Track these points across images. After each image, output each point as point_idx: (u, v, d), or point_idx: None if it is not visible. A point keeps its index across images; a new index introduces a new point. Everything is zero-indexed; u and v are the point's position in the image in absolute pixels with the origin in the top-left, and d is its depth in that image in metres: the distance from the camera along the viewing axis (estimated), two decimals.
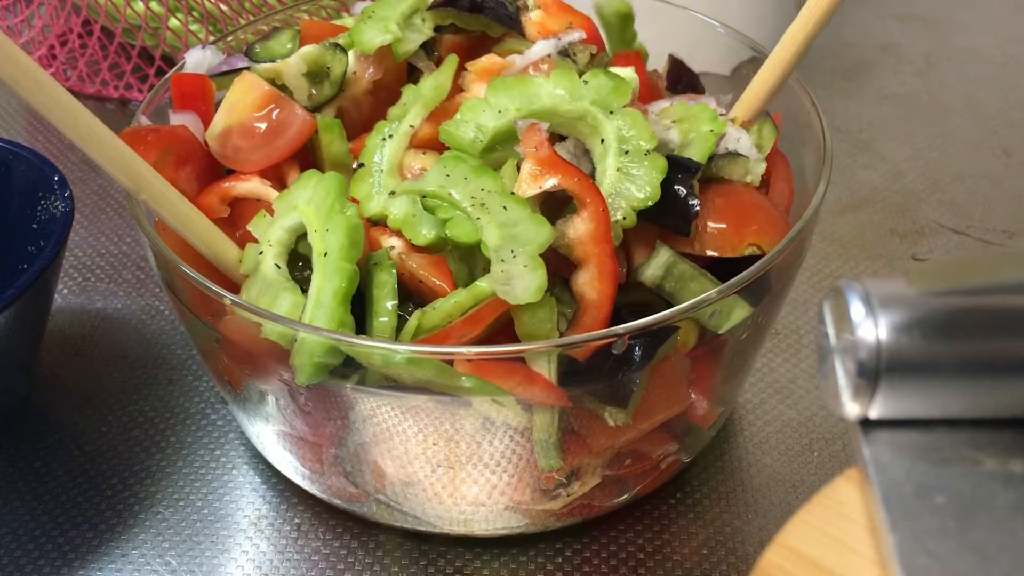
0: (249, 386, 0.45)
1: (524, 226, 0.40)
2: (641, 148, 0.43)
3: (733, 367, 0.47)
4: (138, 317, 0.61)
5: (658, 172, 0.42)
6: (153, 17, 0.77)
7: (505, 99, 0.44)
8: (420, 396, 0.40)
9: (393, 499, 0.46)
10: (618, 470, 0.46)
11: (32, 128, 0.77)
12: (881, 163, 0.73)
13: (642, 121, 0.43)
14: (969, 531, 0.28)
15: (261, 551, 0.48)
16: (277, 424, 0.46)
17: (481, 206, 0.40)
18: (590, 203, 0.41)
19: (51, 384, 0.56)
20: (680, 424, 0.46)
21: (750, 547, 0.48)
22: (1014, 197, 0.70)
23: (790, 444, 0.53)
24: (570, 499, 0.45)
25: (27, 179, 0.53)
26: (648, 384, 0.42)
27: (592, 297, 0.41)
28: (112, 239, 0.67)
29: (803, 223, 0.43)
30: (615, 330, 0.39)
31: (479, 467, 0.43)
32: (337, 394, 0.42)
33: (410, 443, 0.43)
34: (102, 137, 0.40)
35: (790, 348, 0.58)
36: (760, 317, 0.45)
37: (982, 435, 0.30)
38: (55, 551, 0.48)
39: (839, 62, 0.85)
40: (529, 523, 0.47)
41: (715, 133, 0.45)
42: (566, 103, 0.44)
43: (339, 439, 0.45)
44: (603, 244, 0.41)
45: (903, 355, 0.29)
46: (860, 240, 0.66)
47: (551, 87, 0.44)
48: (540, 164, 0.42)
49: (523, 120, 0.43)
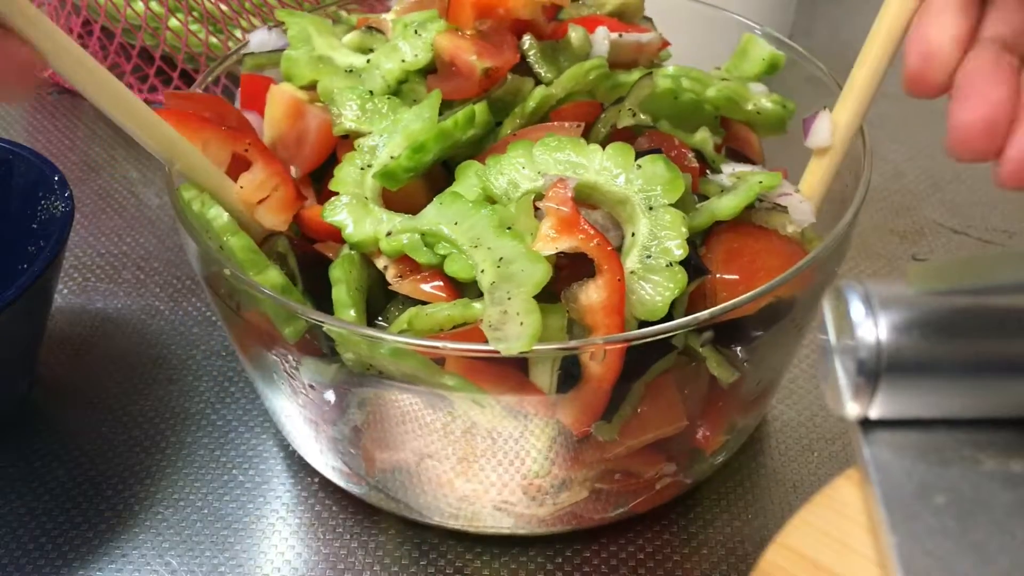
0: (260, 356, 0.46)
1: (520, 264, 0.39)
2: (665, 259, 0.40)
3: (736, 397, 0.46)
4: (138, 317, 0.61)
5: (673, 288, 0.40)
6: (153, 17, 0.77)
7: (550, 162, 0.42)
8: (406, 391, 0.41)
9: (383, 485, 0.47)
10: (609, 484, 0.45)
11: (32, 128, 0.77)
12: (881, 163, 0.73)
13: (680, 224, 0.41)
14: (969, 531, 0.28)
15: (261, 551, 0.48)
16: (281, 396, 0.47)
17: (476, 245, 0.40)
18: (607, 271, 0.39)
19: (51, 384, 0.56)
20: (678, 445, 0.45)
21: (750, 547, 0.48)
22: (1014, 197, 0.70)
23: (790, 444, 0.53)
24: (557, 508, 0.45)
25: (27, 179, 0.53)
26: (640, 401, 0.42)
27: (595, 371, 0.39)
28: (112, 239, 0.67)
29: (819, 251, 0.42)
30: (615, 337, 0.39)
31: (464, 463, 0.43)
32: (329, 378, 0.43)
33: (397, 432, 0.43)
34: (136, 107, 0.41)
35: None
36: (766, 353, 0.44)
37: (982, 435, 0.30)
38: (55, 551, 0.48)
39: (839, 62, 0.84)
40: (516, 525, 0.47)
41: (764, 185, 0.44)
42: (611, 182, 0.42)
43: (334, 421, 0.45)
44: (614, 316, 0.39)
45: (903, 355, 0.29)
46: (860, 240, 0.66)
47: (602, 159, 0.42)
48: (561, 224, 0.40)
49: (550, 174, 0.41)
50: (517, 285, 0.38)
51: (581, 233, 0.39)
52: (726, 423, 0.47)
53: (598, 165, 0.42)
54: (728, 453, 0.50)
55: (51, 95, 0.81)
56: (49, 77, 0.81)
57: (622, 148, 0.42)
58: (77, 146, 0.75)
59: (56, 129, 0.77)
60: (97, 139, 0.76)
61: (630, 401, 0.42)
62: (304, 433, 0.48)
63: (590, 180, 0.42)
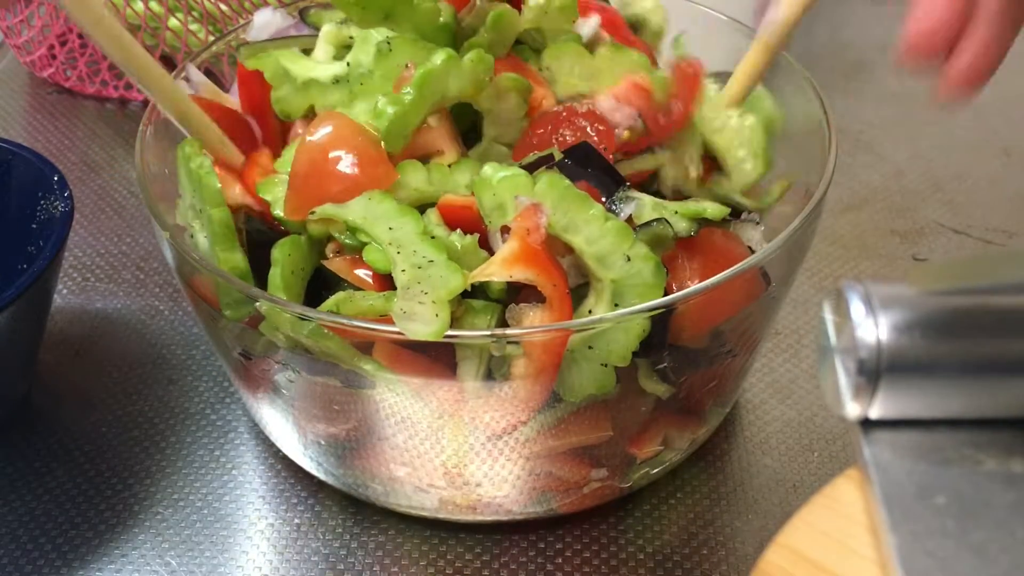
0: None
1: (437, 269, 0.38)
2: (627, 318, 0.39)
3: (669, 410, 0.46)
4: (138, 317, 0.61)
5: (632, 341, 0.39)
6: (153, 17, 0.77)
7: (548, 206, 0.39)
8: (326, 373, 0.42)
9: (326, 463, 0.48)
10: (534, 483, 0.45)
11: (32, 128, 0.77)
12: (881, 163, 0.73)
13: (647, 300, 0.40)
14: (969, 531, 0.28)
15: (261, 551, 0.48)
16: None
17: (398, 246, 0.40)
18: (555, 312, 0.38)
19: (51, 384, 0.56)
20: (607, 452, 0.45)
21: (750, 547, 0.48)
22: (1014, 197, 0.70)
23: (790, 444, 0.53)
24: (479, 499, 0.46)
25: (27, 179, 0.53)
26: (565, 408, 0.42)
27: (522, 395, 0.40)
28: (112, 239, 0.67)
29: (798, 223, 0.42)
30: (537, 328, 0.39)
31: (383, 443, 0.44)
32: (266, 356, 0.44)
33: (322, 408, 0.44)
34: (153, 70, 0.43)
35: (790, 348, 0.58)
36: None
37: (982, 435, 0.30)
38: (55, 551, 0.48)
39: (839, 62, 0.85)
40: (440, 509, 0.47)
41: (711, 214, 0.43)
42: (595, 245, 0.40)
43: (272, 398, 0.46)
44: (551, 355, 0.38)
45: (903, 355, 0.29)
46: (860, 240, 0.66)
47: (600, 228, 0.39)
48: (524, 252, 0.38)
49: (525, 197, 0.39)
50: (432, 288, 0.38)
51: (543, 267, 0.38)
52: (659, 434, 0.47)
53: (594, 232, 0.40)
54: (675, 459, 0.49)
55: (51, 95, 0.81)
56: (49, 77, 0.81)
57: (622, 230, 0.40)
58: (77, 146, 0.75)
59: (56, 129, 0.77)
60: (97, 139, 0.76)
61: (554, 408, 0.42)
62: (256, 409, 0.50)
63: (576, 241, 0.40)
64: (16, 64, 0.85)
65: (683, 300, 0.39)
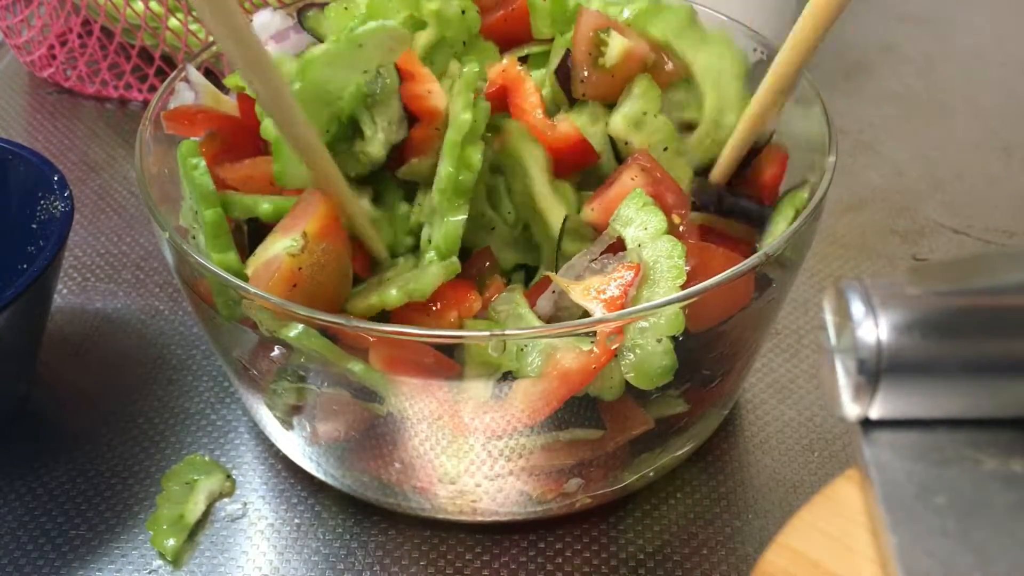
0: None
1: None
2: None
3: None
4: (138, 317, 0.61)
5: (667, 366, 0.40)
6: (153, 17, 0.77)
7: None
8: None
9: (326, 463, 0.48)
10: (533, 484, 0.46)
11: (32, 128, 0.77)
12: (881, 163, 0.73)
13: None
14: (969, 531, 0.28)
15: (261, 551, 0.48)
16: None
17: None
18: (601, 355, 0.39)
19: (51, 384, 0.56)
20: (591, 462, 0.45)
21: (750, 547, 0.48)
22: (1014, 197, 0.70)
23: (790, 444, 0.53)
24: (479, 499, 0.46)
25: (27, 179, 0.53)
26: None
27: (529, 398, 0.40)
28: (112, 239, 0.67)
29: (798, 225, 0.42)
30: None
31: (383, 444, 0.44)
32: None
33: (321, 408, 0.44)
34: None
35: (790, 348, 0.58)
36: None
37: (982, 435, 0.30)
38: (55, 551, 0.48)
39: (839, 62, 0.85)
40: (439, 510, 0.47)
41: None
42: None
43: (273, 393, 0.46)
44: (572, 384, 0.39)
45: (903, 355, 0.29)
46: (860, 240, 0.66)
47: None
48: (607, 305, 0.40)
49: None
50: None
51: (608, 328, 0.39)
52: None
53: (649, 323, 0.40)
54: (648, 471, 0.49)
55: (51, 95, 0.81)
56: (49, 77, 0.81)
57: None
58: (77, 146, 0.75)
59: (56, 129, 0.77)
60: (97, 139, 0.76)
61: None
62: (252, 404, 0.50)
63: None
64: (16, 64, 0.85)
65: (683, 300, 0.39)
